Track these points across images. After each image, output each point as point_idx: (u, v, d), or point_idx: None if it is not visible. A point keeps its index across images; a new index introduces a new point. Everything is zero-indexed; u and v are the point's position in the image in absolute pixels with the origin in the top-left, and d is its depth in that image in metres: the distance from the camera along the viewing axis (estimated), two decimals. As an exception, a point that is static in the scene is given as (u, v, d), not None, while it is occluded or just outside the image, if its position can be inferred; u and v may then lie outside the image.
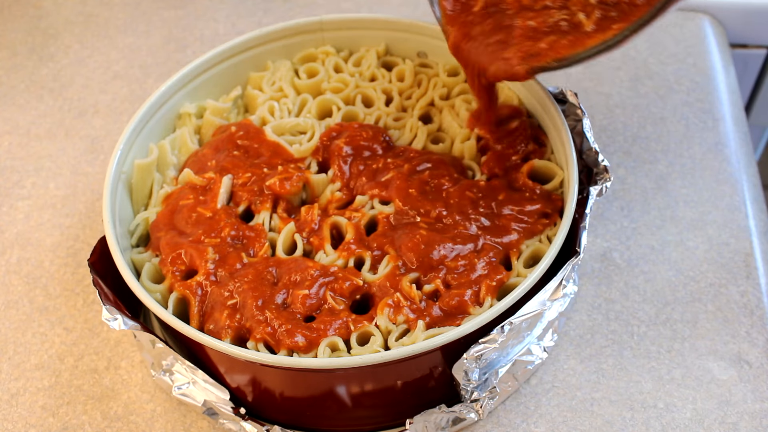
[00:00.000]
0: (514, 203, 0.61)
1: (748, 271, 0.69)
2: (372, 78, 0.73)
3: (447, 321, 0.56)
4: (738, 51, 0.94)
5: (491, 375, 0.58)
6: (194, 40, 0.94)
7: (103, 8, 0.99)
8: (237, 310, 0.57)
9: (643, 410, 0.62)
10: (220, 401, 0.58)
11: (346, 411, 0.59)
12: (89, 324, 0.69)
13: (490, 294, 0.57)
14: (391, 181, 0.63)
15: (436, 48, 0.73)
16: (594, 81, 0.86)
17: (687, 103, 0.83)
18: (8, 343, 0.68)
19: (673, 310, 0.67)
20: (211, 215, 0.63)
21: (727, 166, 0.77)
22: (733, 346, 0.65)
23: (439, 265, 0.59)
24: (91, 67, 0.92)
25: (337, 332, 0.56)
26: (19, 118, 0.87)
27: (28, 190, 0.80)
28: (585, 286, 0.69)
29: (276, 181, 0.64)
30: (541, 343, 0.62)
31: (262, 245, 0.61)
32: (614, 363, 0.64)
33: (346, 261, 0.60)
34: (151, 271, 0.61)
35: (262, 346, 0.56)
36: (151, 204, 0.66)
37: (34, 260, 0.74)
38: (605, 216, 0.74)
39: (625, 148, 0.79)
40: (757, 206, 0.74)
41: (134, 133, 0.66)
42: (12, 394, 0.65)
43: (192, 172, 0.66)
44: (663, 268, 0.70)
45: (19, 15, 0.99)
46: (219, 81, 0.73)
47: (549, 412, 0.62)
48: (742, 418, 0.61)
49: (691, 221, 0.73)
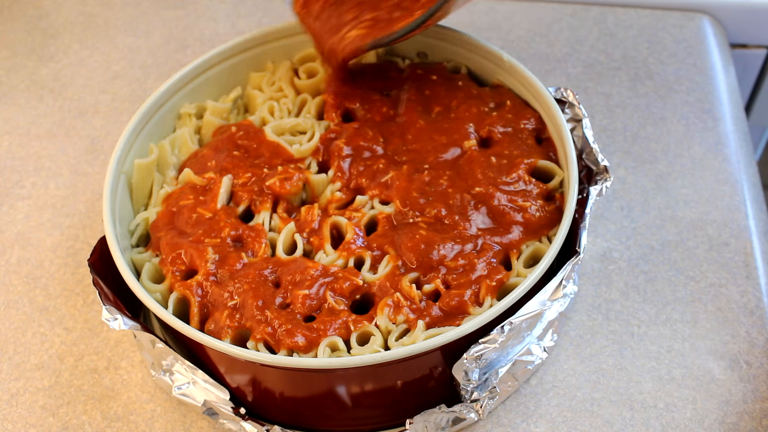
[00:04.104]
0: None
1: (748, 271, 0.69)
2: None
3: (447, 321, 0.56)
4: (738, 51, 0.94)
5: (491, 375, 0.58)
6: (194, 40, 0.94)
7: (103, 8, 0.99)
8: (237, 310, 0.57)
9: (643, 410, 0.62)
10: (220, 401, 0.58)
11: (346, 411, 0.59)
12: (89, 324, 0.69)
13: (490, 294, 0.57)
14: (392, 181, 0.63)
15: (436, 48, 0.73)
16: (594, 81, 0.86)
17: (687, 103, 0.83)
18: (8, 343, 0.68)
19: (673, 310, 0.67)
20: (211, 215, 0.63)
21: (727, 166, 0.77)
22: (733, 346, 0.65)
23: (439, 265, 0.59)
24: (91, 67, 0.92)
25: (337, 332, 0.56)
26: (19, 118, 0.87)
27: (28, 190, 0.80)
28: (585, 286, 0.69)
29: (276, 181, 0.64)
30: (541, 343, 0.62)
31: (261, 245, 0.61)
32: (614, 363, 0.64)
33: (346, 261, 0.60)
34: (151, 271, 0.61)
35: (262, 346, 0.56)
36: (151, 204, 0.66)
37: (34, 260, 0.74)
38: (605, 216, 0.74)
39: (625, 148, 0.79)
40: (757, 206, 0.74)
41: (134, 133, 0.66)
42: (12, 394, 0.65)
43: (192, 172, 0.66)
44: (663, 268, 0.70)
45: (19, 15, 0.99)
46: (219, 81, 0.73)
47: (549, 412, 0.62)
48: (742, 418, 0.61)
49: (691, 221, 0.73)
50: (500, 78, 0.70)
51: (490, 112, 0.68)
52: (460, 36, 0.70)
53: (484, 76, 0.72)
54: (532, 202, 0.61)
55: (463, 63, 0.72)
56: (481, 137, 0.66)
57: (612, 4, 0.94)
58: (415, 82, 0.70)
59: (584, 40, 0.90)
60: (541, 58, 0.88)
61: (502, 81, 0.70)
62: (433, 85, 0.70)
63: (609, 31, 0.91)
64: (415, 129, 0.67)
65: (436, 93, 0.69)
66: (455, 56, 0.72)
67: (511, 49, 0.89)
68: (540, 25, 0.92)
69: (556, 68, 0.87)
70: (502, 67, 0.69)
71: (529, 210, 0.61)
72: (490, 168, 0.63)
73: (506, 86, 0.70)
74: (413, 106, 0.69)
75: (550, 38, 0.91)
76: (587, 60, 0.88)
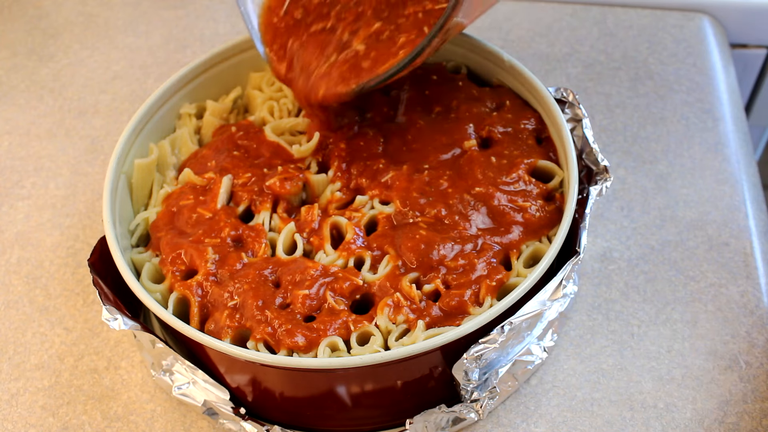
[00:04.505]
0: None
1: (748, 271, 0.69)
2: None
3: (447, 321, 0.56)
4: (738, 51, 0.94)
5: (491, 375, 0.58)
6: (194, 40, 0.94)
7: (103, 8, 0.99)
8: (237, 310, 0.57)
9: (643, 410, 0.62)
10: (220, 401, 0.58)
11: (346, 411, 0.59)
12: (89, 324, 0.69)
13: (490, 294, 0.57)
14: (392, 181, 0.63)
15: (436, 48, 0.73)
16: (594, 81, 0.86)
17: (687, 103, 0.83)
18: (8, 343, 0.68)
19: (673, 310, 0.67)
20: (211, 215, 0.63)
21: (727, 166, 0.77)
22: (733, 346, 0.65)
23: (439, 265, 0.59)
24: (91, 67, 0.92)
25: (337, 332, 0.56)
26: (19, 118, 0.87)
27: (28, 190, 0.80)
28: (585, 286, 0.69)
29: (276, 181, 0.64)
30: (541, 343, 0.62)
31: (261, 245, 0.61)
32: (614, 363, 0.64)
33: (346, 261, 0.60)
34: (151, 271, 0.61)
35: (262, 346, 0.56)
36: (151, 204, 0.66)
37: (34, 260, 0.74)
38: (605, 216, 0.74)
39: (625, 148, 0.79)
40: (757, 206, 0.74)
41: (134, 133, 0.66)
42: (12, 394, 0.65)
43: (192, 172, 0.66)
44: (663, 268, 0.70)
45: (19, 15, 0.99)
46: (219, 81, 0.73)
47: (549, 412, 0.62)
48: (742, 418, 0.61)
49: (691, 221, 0.73)
50: (500, 78, 0.70)
51: (490, 113, 0.68)
52: (460, 36, 0.70)
53: (484, 76, 0.72)
54: (532, 202, 0.61)
55: (463, 63, 0.72)
56: (481, 137, 0.66)
57: (612, 4, 0.94)
58: (415, 82, 0.70)
59: (584, 40, 0.90)
60: (541, 58, 0.88)
61: (502, 81, 0.70)
62: (433, 85, 0.70)
63: (609, 31, 0.91)
64: (415, 129, 0.67)
65: (436, 93, 0.69)
66: (455, 56, 0.72)
67: (511, 49, 0.89)
68: (540, 25, 0.92)
69: (556, 68, 0.87)
70: (502, 67, 0.69)
71: (529, 210, 0.61)
72: (490, 168, 0.63)
73: (506, 86, 0.70)
74: (413, 106, 0.69)
75: (550, 38, 0.91)
76: (587, 60, 0.88)
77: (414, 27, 0.60)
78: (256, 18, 0.66)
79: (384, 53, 0.60)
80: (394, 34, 0.61)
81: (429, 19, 0.59)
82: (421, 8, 0.60)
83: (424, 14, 0.60)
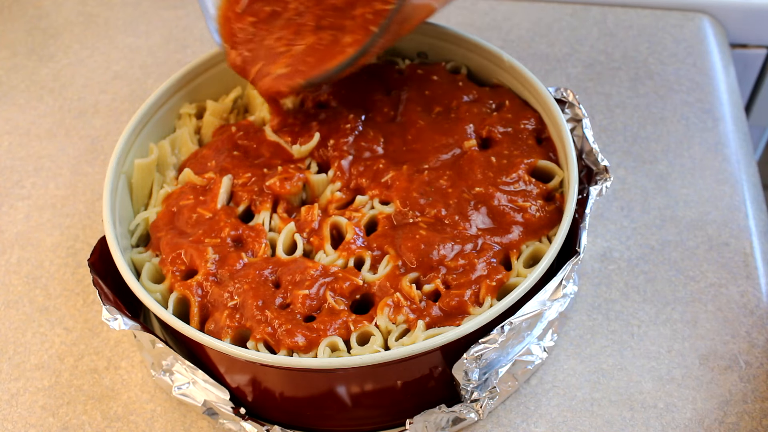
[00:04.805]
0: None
1: (748, 271, 0.69)
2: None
3: (447, 321, 0.56)
4: (738, 51, 0.94)
5: (491, 375, 0.58)
6: (194, 40, 0.94)
7: (103, 8, 0.99)
8: (237, 310, 0.57)
9: (643, 410, 0.62)
10: (220, 401, 0.58)
11: (346, 411, 0.59)
12: (89, 324, 0.69)
13: (490, 294, 0.57)
14: (392, 181, 0.63)
15: (436, 48, 0.73)
16: (594, 81, 0.86)
17: (687, 103, 0.83)
18: (8, 343, 0.69)
19: (673, 310, 0.67)
20: (211, 215, 0.63)
21: (727, 166, 0.77)
22: (733, 346, 0.65)
23: (439, 265, 0.59)
24: (91, 67, 0.92)
25: (337, 332, 0.56)
26: (19, 118, 0.87)
27: (28, 190, 0.80)
28: (585, 286, 0.69)
29: (276, 181, 0.64)
30: (541, 343, 0.62)
31: (261, 245, 0.61)
32: (614, 363, 0.64)
33: (346, 261, 0.60)
34: (151, 271, 0.61)
35: (262, 346, 0.56)
36: (151, 204, 0.66)
37: (34, 260, 0.74)
38: (605, 216, 0.74)
39: (625, 148, 0.79)
40: (757, 206, 0.74)
41: (134, 133, 0.66)
42: (12, 394, 0.65)
43: (192, 172, 0.66)
44: (663, 268, 0.70)
45: (19, 15, 0.99)
46: (219, 81, 0.73)
47: (549, 412, 0.62)
48: (742, 418, 0.61)
49: (691, 221, 0.73)
50: (500, 78, 0.70)
51: (490, 113, 0.68)
52: (460, 36, 0.70)
53: (484, 76, 0.72)
54: (532, 202, 0.61)
55: (463, 63, 0.72)
56: (481, 137, 0.66)
57: (612, 4, 0.94)
58: (415, 82, 0.70)
59: (584, 40, 0.90)
60: (541, 58, 0.88)
61: (502, 81, 0.70)
62: (433, 85, 0.70)
63: (609, 31, 0.91)
64: (415, 129, 0.67)
65: (436, 93, 0.69)
66: (455, 56, 0.72)
67: (511, 49, 0.89)
68: (540, 25, 0.92)
69: (556, 68, 0.87)
70: (502, 67, 0.69)
71: (529, 210, 0.61)
72: (490, 168, 0.63)
73: (506, 86, 0.70)
74: (413, 106, 0.69)
75: (550, 38, 0.91)
76: (587, 60, 0.88)
77: (360, 28, 0.61)
78: (214, 8, 0.67)
79: (332, 49, 0.61)
80: (337, 35, 0.62)
81: (377, 19, 0.60)
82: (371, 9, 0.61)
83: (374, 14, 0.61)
